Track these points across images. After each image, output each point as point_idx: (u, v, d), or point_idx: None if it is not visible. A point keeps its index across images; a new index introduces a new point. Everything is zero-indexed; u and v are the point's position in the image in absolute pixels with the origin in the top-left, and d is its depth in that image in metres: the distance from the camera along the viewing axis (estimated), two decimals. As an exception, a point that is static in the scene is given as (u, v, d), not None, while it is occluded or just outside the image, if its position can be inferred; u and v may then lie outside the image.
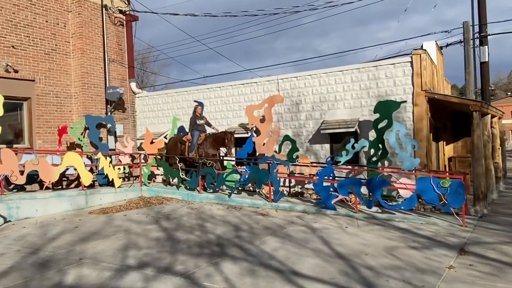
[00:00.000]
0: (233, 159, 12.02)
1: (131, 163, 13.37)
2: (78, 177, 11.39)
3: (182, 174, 11.58)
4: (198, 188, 11.21)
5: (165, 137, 13.82)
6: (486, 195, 9.27)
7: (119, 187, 11.46)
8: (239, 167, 11.28)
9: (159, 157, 12.60)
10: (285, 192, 10.62)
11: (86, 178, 10.66)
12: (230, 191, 10.67)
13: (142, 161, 12.50)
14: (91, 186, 11.33)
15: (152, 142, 13.43)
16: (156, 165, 12.52)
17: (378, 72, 10.69)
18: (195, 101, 13.23)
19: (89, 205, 10.54)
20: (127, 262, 5.79)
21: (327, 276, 5.01)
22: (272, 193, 9.92)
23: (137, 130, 14.93)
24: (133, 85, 14.74)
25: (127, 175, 13.29)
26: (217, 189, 11.12)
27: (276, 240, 6.81)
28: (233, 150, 11.67)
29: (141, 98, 14.93)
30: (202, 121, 11.96)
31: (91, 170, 11.62)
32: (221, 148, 11.52)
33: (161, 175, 13.22)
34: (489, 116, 10.77)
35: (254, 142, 11.71)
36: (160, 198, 11.24)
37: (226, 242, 6.76)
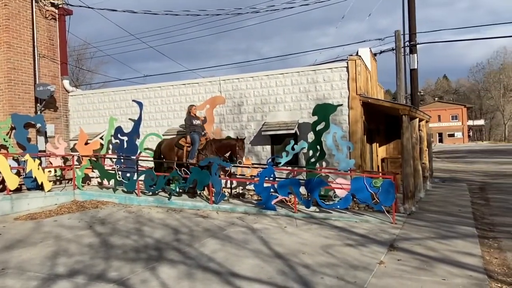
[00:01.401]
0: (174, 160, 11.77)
1: (63, 165, 12.62)
2: (2, 181, 10.53)
3: (119, 177, 11.14)
4: (136, 191, 10.84)
5: (101, 138, 13.22)
6: (414, 194, 9.90)
7: (49, 191, 10.77)
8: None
9: (94, 158, 12.01)
10: (226, 194, 10.60)
11: (12, 181, 9.89)
12: (170, 194, 10.44)
13: (76, 163, 11.85)
14: (18, 190, 10.54)
15: (86, 143, 12.78)
16: (91, 167, 11.92)
17: (316, 76, 11.03)
18: (133, 100, 12.81)
19: (15, 210, 9.78)
20: (56, 271, 5.44)
21: (265, 276, 5.06)
22: (213, 194, 9.85)
23: (70, 130, 14.13)
24: (66, 82, 13.93)
25: (58, 178, 12.51)
26: (156, 192, 10.83)
27: (216, 242, 6.76)
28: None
29: (75, 97, 14.15)
30: (198, 121, 11.07)
31: (18, 173, 10.80)
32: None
33: (97, 177, 12.63)
34: (417, 119, 11.51)
35: (195, 144, 11.54)
36: (95, 202, 10.72)
37: (165, 246, 6.59)
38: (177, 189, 10.52)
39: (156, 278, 5.10)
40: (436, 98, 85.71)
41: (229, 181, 11.38)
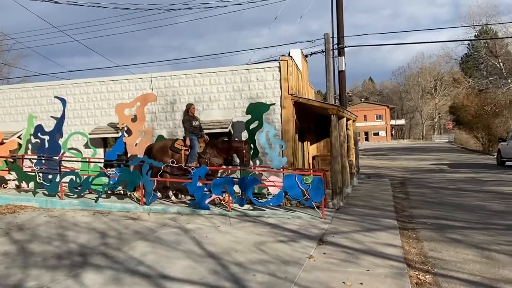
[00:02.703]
0: (101, 160, 11.21)
1: (-26, 167, 11.43)
2: None
3: (39, 179, 10.34)
4: (59, 193, 10.14)
5: (19, 137, 12.18)
6: (342, 190, 10.38)
7: (-44, 196, 9.69)
8: (108, 169, 10.53)
9: (11, 159, 11.03)
10: (158, 194, 10.29)
11: None
12: (97, 196, 9.90)
13: (-11, 164, 10.79)
14: None
15: (2, 143, 11.70)
16: (7, 169, 10.93)
17: (250, 75, 11.11)
18: (56, 97, 11.98)
19: None
20: (-37, 284, 4.90)
21: (197, 277, 4.98)
22: (144, 195, 9.51)
23: (-17, 129, 12.83)
24: (-22, 76, 12.64)
25: (-31, 181, 11.33)
26: (82, 194, 10.22)
27: (146, 245, 6.53)
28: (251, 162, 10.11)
29: (-12, 92, 12.88)
30: (197, 123, 10.16)
31: None
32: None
33: (14, 180, 11.62)
34: (345, 119, 12.07)
35: (125, 143, 11.08)
36: (11, 207, 9.83)
37: (90, 251, 6.22)
38: (104, 191, 10.01)
39: (80, 285, 4.79)
40: (363, 99, 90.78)
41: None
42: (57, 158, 10.69)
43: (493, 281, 4.90)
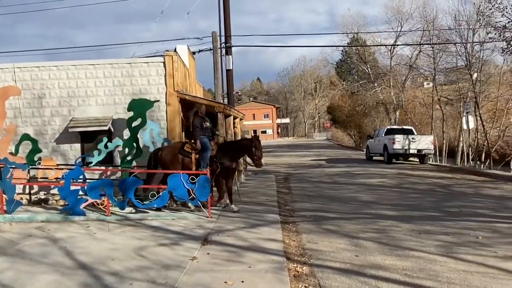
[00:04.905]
0: None
1: None
2: None
3: None
4: None
5: None
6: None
7: None
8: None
9: None
10: (23, 201, 9.07)
11: None
12: None
13: None
14: None
15: None
16: None
17: (132, 69, 10.48)
18: None
19: None
20: None
21: (64, 293, 4.44)
22: (4, 203, 8.27)
23: None
24: None
25: None
26: None
27: (4, 260, 5.64)
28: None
29: None
30: (207, 124, 9.08)
31: None
32: None
33: None
34: (232, 117, 12.22)
35: (-20, 143, 9.53)
36: None
37: None
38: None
39: None
40: (251, 98, 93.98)
41: (28, 186, 9.81)
42: None
43: (360, 267, 5.33)
